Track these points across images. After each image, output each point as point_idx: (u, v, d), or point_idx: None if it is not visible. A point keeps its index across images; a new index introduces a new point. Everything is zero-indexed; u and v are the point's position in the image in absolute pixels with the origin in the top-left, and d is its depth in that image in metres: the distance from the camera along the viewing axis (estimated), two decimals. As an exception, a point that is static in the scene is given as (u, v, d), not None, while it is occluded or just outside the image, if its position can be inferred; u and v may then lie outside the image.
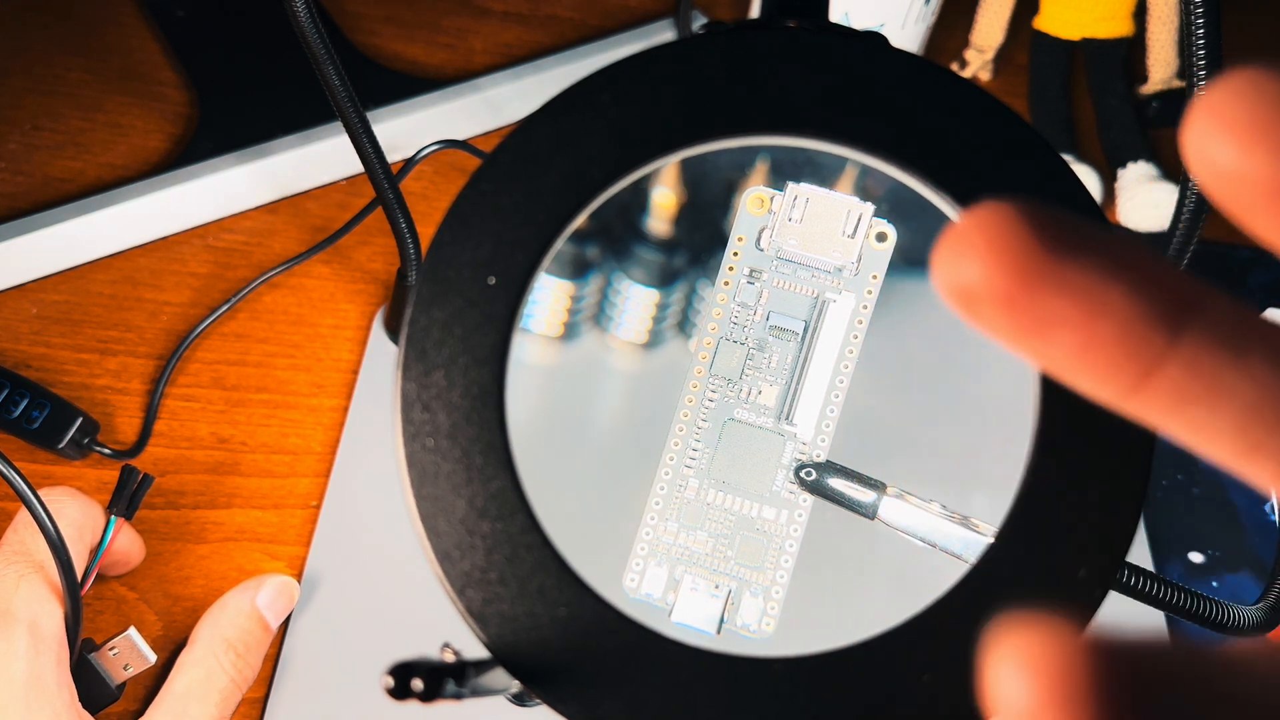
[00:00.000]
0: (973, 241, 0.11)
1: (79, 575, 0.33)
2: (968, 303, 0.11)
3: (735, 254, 0.26)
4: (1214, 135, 0.10)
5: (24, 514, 0.33)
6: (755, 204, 0.26)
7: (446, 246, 0.20)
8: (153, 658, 0.34)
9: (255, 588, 0.37)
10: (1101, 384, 0.11)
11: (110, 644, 0.34)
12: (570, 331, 0.30)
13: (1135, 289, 0.11)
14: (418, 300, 0.20)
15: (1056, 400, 0.20)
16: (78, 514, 0.34)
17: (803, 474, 0.26)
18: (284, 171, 0.49)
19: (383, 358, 0.45)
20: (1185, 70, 0.27)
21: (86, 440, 0.40)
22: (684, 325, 0.31)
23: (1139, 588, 0.26)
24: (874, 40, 0.21)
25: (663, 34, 0.56)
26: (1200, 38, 0.26)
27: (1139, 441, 0.19)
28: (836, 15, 0.49)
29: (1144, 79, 0.56)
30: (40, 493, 0.31)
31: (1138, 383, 0.11)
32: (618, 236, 0.30)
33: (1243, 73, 0.10)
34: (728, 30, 0.21)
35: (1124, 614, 0.34)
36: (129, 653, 0.34)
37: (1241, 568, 0.43)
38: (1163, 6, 0.55)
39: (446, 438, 0.20)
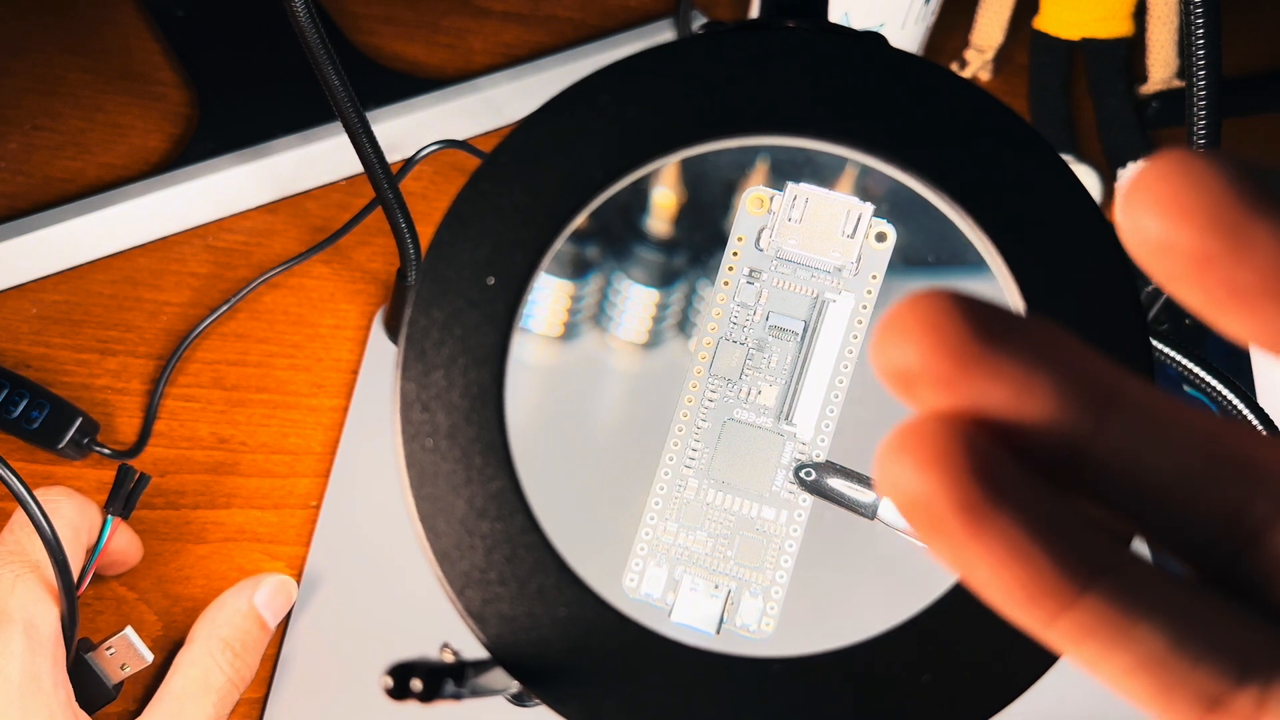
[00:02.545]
0: (909, 326, 0.12)
1: (75, 575, 0.32)
2: (905, 385, 0.12)
3: (735, 254, 0.26)
4: (1145, 210, 0.11)
5: (20, 514, 0.33)
6: (755, 204, 0.26)
7: (446, 246, 0.20)
8: (150, 657, 0.34)
9: (253, 587, 0.37)
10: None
11: (107, 644, 0.34)
12: (570, 331, 0.30)
13: (1060, 375, 0.12)
14: (417, 300, 0.20)
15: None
16: (74, 514, 0.34)
17: (802, 474, 0.26)
18: (284, 171, 0.49)
19: (383, 358, 0.45)
20: (1185, 70, 0.27)
21: (86, 440, 0.40)
22: (684, 325, 0.31)
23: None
24: (874, 40, 0.21)
25: (663, 34, 0.56)
26: (1200, 38, 0.26)
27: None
28: (836, 15, 0.49)
29: (1144, 79, 0.56)
30: (36, 493, 0.31)
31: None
32: (618, 236, 0.30)
33: (1170, 154, 0.11)
34: (727, 30, 0.21)
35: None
36: (126, 652, 0.34)
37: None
38: (1163, 6, 0.54)
39: (446, 438, 0.20)
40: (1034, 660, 0.19)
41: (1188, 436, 0.12)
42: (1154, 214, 0.11)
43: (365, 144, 0.35)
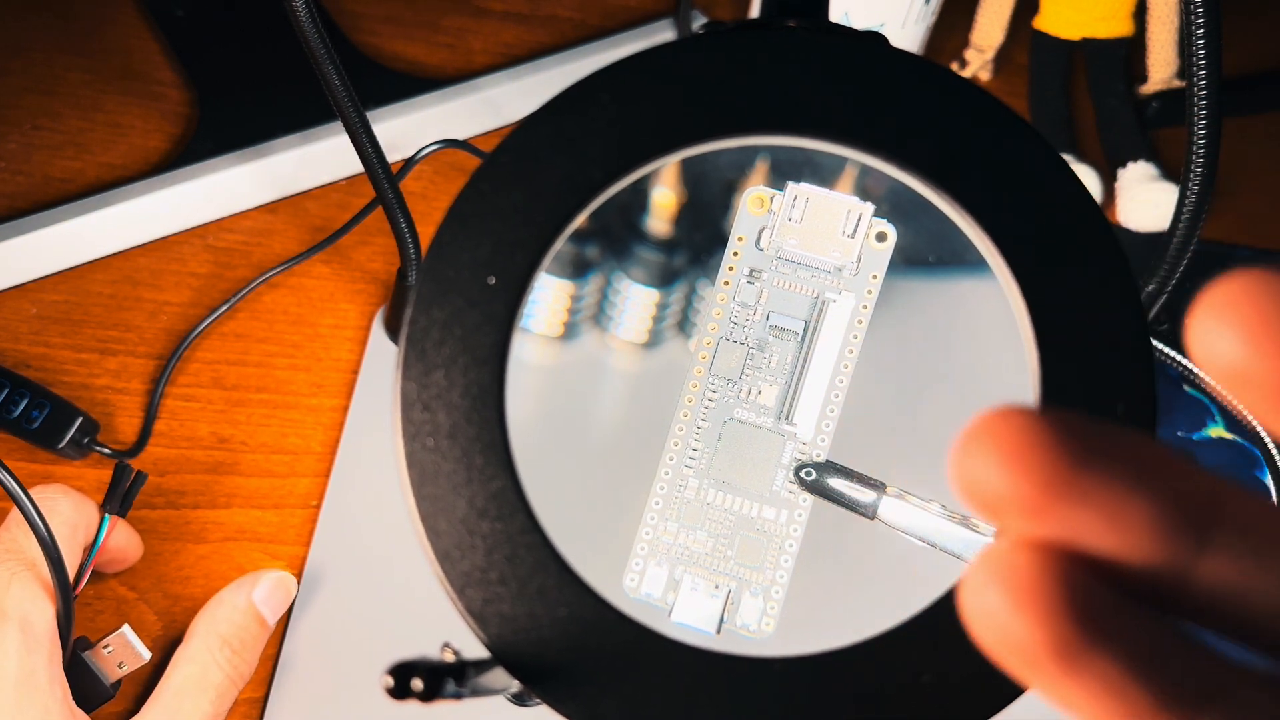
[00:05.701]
0: (993, 446, 0.11)
1: (72, 573, 0.32)
2: (990, 509, 0.11)
3: (735, 254, 0.26)
4: (1218, 330, 0.10)
5: (16, 512, 0.33)
6: (755, 204, 0.26)
7: (446, 246, 0.20)
8: (147, 655, 0.34)
9: (251, 584, 0.37)
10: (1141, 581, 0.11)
11: (104, 642, 0.34)
12: (570, 331, 0.30)
13: (1157, 500, 0.11)
14: (418, 300, 0.20)
15: (1055, 401, 0.20)
16: (71, 512, 0.34)
17: (803, 474, 0.26)
18: (284, 171, 0.49)
19: (383, 358, 0.45)
20: (1185, 70, 0.27)
21: (86, 440, 0.40)
22: (684, 325, 0.31)
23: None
24: (874, 40, 0.21)
25: (663, 34, 0.56)
26: (1200, 38, 0.26)
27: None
28: (836, 15, 0.49)
29: (1144, 79, 0.56)
30: (33, 491, 0.31)
31: (1175, 586, 0.11)
32: (618, 236, 0.30)
33: (1245, 274, 0.10)
34: (728, 30, 0.21)
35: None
36: (123, 650, 0.34)
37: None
38: (1163, 6, 0.54)
39: (446, 438, 0.20)
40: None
41: None
42: (1230, 335, 0.10)
43: (365, 144, 0.35)
